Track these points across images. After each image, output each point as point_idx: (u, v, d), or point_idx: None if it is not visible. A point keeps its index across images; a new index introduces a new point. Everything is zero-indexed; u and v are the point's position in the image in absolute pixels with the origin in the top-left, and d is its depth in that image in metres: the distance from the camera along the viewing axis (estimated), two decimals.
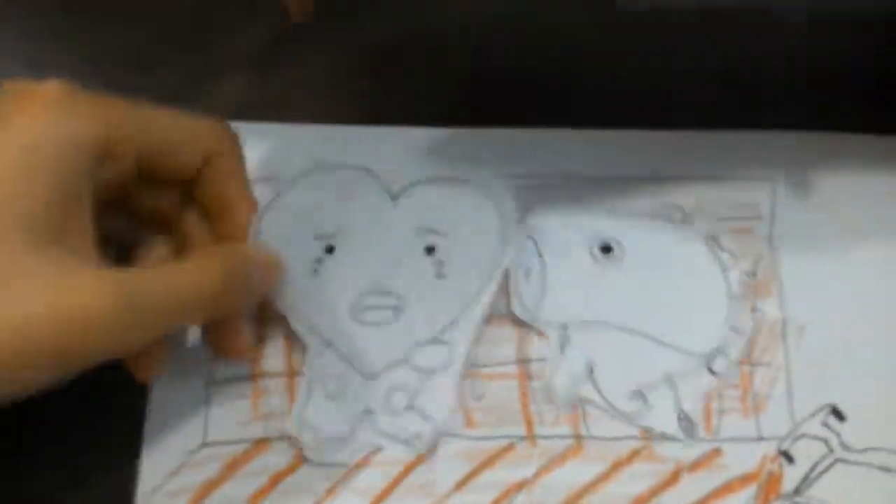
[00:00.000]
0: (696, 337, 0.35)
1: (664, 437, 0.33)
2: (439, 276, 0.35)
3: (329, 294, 0.35)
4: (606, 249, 0.36)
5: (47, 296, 0.27)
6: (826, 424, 0.34)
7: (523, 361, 0.35)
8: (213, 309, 0.31)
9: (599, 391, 0.34)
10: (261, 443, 0.33)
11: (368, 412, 0.34)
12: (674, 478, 0.33)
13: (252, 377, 0.34)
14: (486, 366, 0.35)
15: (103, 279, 0.28)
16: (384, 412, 0.33)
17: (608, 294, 0.36)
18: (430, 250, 0.35)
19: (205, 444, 0.33)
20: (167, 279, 0.30)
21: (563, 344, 0.35)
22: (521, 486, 0.33)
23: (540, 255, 0.36)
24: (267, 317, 0.35)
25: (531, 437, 0.34)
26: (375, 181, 0.37)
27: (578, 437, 0.34)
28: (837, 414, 0.34)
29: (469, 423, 0.34)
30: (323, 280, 0.35)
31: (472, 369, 0.34)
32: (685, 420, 0.34)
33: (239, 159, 0.34)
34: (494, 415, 0.34)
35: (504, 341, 0.35)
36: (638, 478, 0.33)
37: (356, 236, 0.36)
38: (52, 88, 0.29)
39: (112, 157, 0.30)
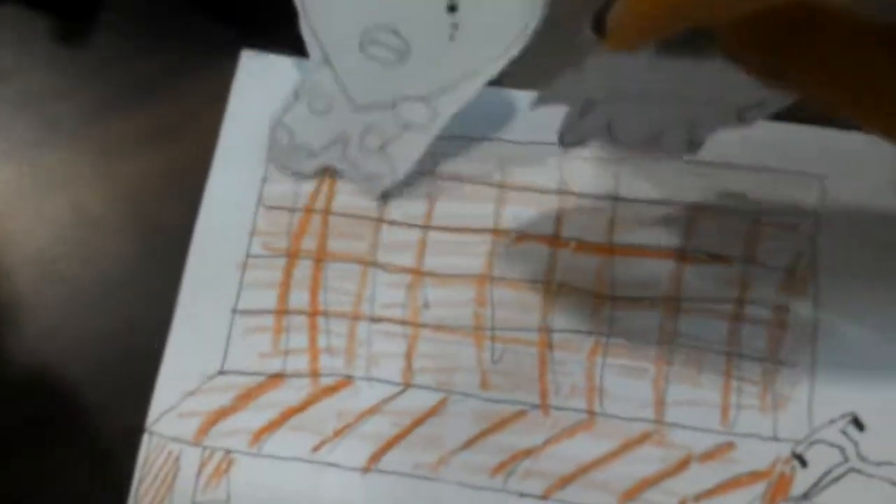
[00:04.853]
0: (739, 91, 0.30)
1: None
2: (451, 37, 0.34)
3: (347, 13, 0.34)
4: None
5: None
6: (845, 433, 0.33)
7: (546, 330, 0.34)
8: None
9: (614, 139, 0.33)
10: (276, 378, 0.34)
11: (344, 138, 0.35)
12: (683, 465, 0.33)
13: (277, 312, 0.35)
14: (508, 329, 0.34)
15: None
16: (357, 144, 0.35)
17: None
18: (451, 8, 0.33)
19: (222, 372, 0.34)
20: None
21: (585, 113, 0.32)
22: (528, 452, 0.33)
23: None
24: None
25: (545, 407, 0.33)
26: None
27: (592, 413, 0.33)
28: (858, 423, 0.33)
29: (484, 384, 0.34)
30: None
31: (493, 332, 0.34)
32: (693, 143, 0.32)
33: None
34: (510, 380, 0.34)
35: (530, 307, 0.35)
36: (647, 460, 0.33)
37: None
38: None
39: None
